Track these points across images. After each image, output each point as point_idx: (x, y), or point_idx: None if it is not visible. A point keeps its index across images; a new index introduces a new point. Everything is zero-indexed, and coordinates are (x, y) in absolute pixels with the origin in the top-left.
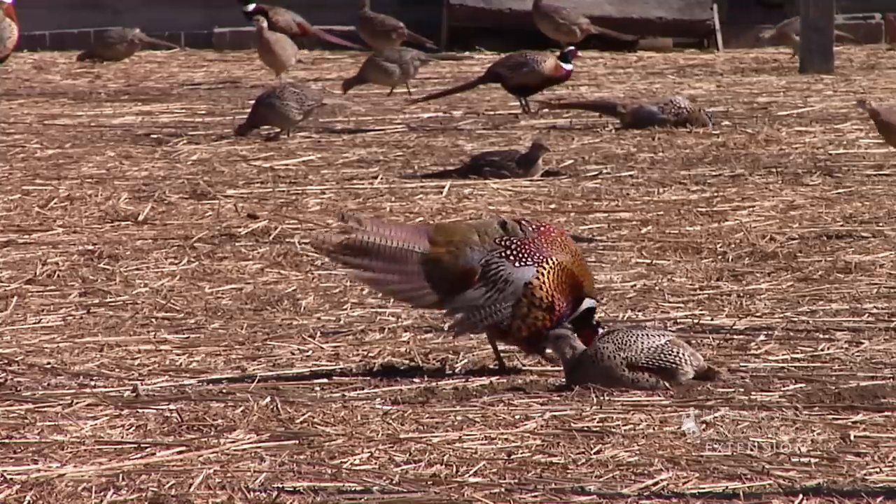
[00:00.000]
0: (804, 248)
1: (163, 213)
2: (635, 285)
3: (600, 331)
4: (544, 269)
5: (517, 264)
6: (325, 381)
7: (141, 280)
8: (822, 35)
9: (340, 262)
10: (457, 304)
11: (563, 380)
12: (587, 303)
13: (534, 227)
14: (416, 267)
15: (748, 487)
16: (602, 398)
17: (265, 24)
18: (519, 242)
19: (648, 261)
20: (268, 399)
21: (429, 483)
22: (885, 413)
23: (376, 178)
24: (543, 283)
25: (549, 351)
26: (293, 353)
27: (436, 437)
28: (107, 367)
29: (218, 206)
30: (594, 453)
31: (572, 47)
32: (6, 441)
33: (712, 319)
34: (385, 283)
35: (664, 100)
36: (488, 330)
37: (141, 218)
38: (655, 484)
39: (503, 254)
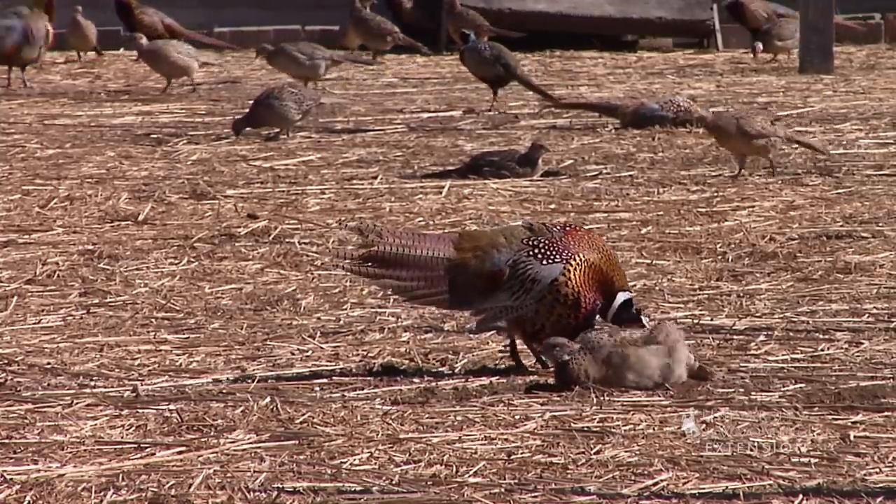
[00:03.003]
0: (804, 248)
1: (163, 213)
2: (635, 285)
3: (644, 319)
4: (571, 265)
5: (544, 262)
6: (324, 381)
7: (141, 280)
8: (822, 35)
9: (362, 275)
10: (486, 305)
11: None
12: (621, 296)
13: (559, 227)
14: (442, 273)
15: (748, 487)
16: (602, 398)
17: (144, 40)
18: (546, 241)
19: (648, 261)
20: (267, 399)
21: (428, 483)
22: (885, 413)
23: (376, 178)
24: (570, 279)
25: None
26: (293, 354)
27: (436, 437)
28: (107, 367)
29: (218, 206)
30: (594, 453)
31: None
32: (6, 441)
33: (712, 319)
34: (410, 290)
35: (664, 98)
36: (512, 328)
37: (141, 218)
38: (655, 484)
39: (530, 252)
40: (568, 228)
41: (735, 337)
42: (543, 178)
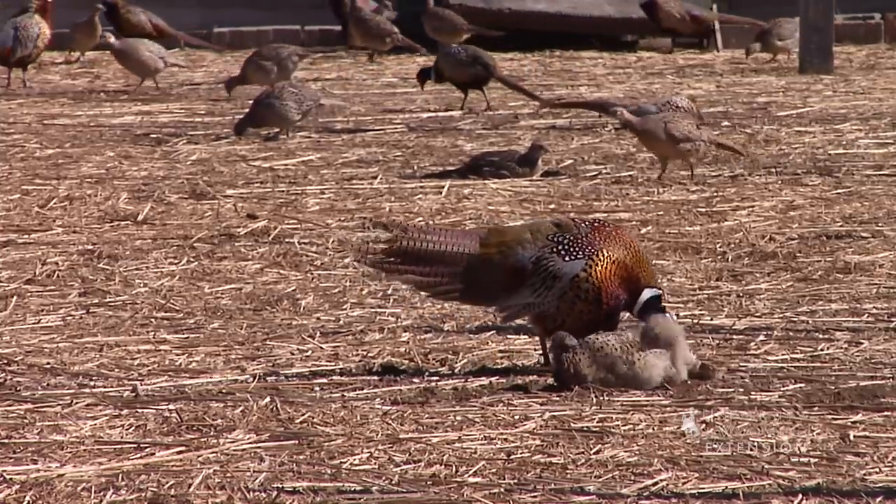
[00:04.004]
0: (804, 248)
1: (162, 213)
2: None
3: (669, 316)
4: (593, 261)
5: (567, 258)
6: (324, 381)
7: (140, 280)
8: (822, 35)
9: (384, 270)
10: (510, 302)
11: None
12: (647, 293)
13: (587, 223)
14: (466, 269)
15: (748, 487)
16: (601, 398)
17: (113, 39)
18: (571, 238)
19: None
20: (267, 399)
21: (428, 483)
22: (885, 413)
23: (376, 178)
24: (590, 275)
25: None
26: (293, 353)
27: (435, 437)
28: (106, 367)
29: (217, 206)
30: (594, 453)
31: None
32: (6, 441)
33: (712, 319)
34: (434, 286)
35: (663, 100)
36: (534, 324)
37: (140, 218)
38: (655, 484)
39: (553, 249)
40: (597, 224)
41: (735, 337)
42: (543, 178)
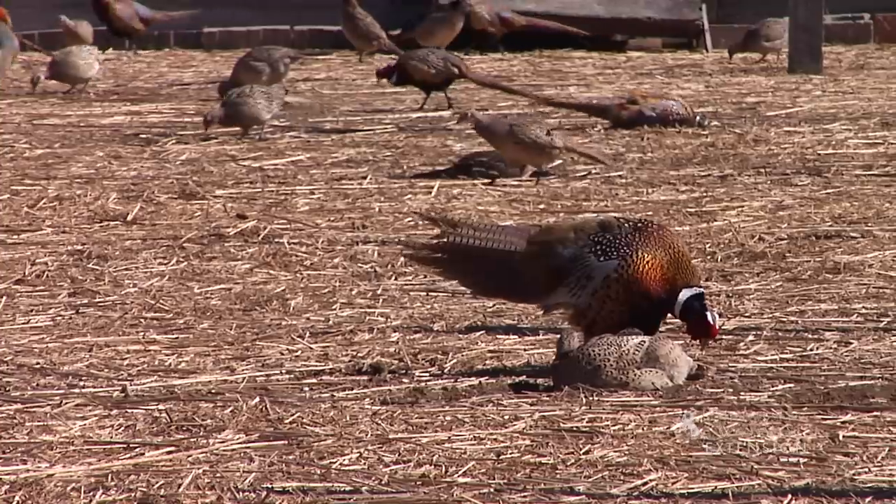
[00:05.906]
0: (793, 248)
1: (152, 213)
2: None
3: (709, 315)
4: (626, 262)
5: (602, 259)
6: (314, 381)
7: (130, 280)
8: (812, 35)
9: (429, 265)
10: (549, 300)
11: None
12: (685, 293)
13: (631, 223)
14: (509, 266)
15: (737, 487)
16: (591, 398)
17: (43, 75)
18: (611, 238)
19: None
20: (257, 399)
21: (418, 483)
22: (874, 413)
23: (365, 178)
24: (622, 275)
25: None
26: (282, 354)
27: (425, 437)
28: (96, 367)
29: (207, 206)
30: (583, 453)
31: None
32: None
33: None
34: (476, 283)
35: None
36: (569, 321)
37: (130, 218)
38: (644, 484)
39: (591, 249)
40: (640, 225)
41: (724, 337)
42: (532, 178)
